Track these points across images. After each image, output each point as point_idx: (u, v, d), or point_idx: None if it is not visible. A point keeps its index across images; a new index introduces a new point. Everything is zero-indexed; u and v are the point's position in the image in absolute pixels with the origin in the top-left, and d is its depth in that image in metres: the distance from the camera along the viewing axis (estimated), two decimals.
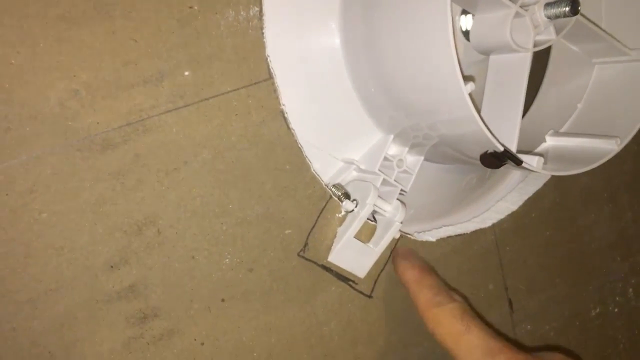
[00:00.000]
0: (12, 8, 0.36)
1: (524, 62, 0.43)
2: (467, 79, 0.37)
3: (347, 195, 0.48)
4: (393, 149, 0.49)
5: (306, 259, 0.49)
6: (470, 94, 0.37)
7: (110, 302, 0.41)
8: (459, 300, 0.46)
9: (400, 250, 0.52)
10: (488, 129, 0.38)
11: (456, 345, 0.43)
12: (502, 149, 0.39)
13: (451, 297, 0.46)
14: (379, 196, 0.48)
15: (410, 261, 0.50)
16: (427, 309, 0.45)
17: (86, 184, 0.40)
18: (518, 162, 0.41)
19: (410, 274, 0.48)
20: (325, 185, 0.49)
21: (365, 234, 0.50)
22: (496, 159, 0.41)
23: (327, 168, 0.49)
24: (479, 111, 0.38)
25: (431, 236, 0.56)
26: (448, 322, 0.44)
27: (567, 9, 0.41)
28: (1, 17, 0.36)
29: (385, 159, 0.48)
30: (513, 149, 0.42)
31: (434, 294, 0.46)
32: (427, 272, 0.49)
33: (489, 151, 0.41)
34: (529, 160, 0.42)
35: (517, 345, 0.43)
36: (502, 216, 0.60)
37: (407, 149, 0.49)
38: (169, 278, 0.43)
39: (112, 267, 0.41)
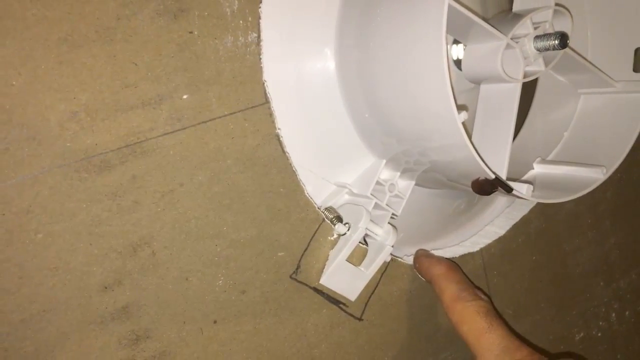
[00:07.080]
0: (14, 30, 0.36)
1: (513, 92, 0.45)
2: (459, 107, 0.38)
3: (339, 219, 0.49)
4: (385, 174, 0.50)
5: (298, 282, 0.49)
6: (462, 123, 0.38)
7: (103, 323, 0.41)
8: (484, 299, 0.47)
9: (421, 251, 0.55)
10: (480, 157, 0.39)
11: (477, 342, 0.44)
12: (493, 176, 0.40)
13: (477, 294, 0.47)
14: (370, 220, 0.48)
15: (435, 258, 0.52)
16: (452, 304, 0.47)
17: (82, 204, 0.40)
18: (508, 190, 0.42)
19: (437, 268, 0.50)
20: (318, 208, 0.49)
21: (357, 257, 0.51)
22: (487, 186, 0.42)
23: (320, 191, 0.50)
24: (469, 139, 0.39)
25: None
26: (472, 319, 0.45)
27: (557, 42, 0.42)
28: (3, 39, 0.36)
29: (378, 183, 0.49)
30: (503, 176, 0.43)
31: (460, 289, 0.47)
32: (454, 269, 0.50)
33: (480, 178, 0.42)
34: (518, 188, 0.43)
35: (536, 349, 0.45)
36: (489, 240, 0.61)
37: (398, 173, 0.50)
38: (163, 299, 0.43)
39: (106, 288, 0.41)
